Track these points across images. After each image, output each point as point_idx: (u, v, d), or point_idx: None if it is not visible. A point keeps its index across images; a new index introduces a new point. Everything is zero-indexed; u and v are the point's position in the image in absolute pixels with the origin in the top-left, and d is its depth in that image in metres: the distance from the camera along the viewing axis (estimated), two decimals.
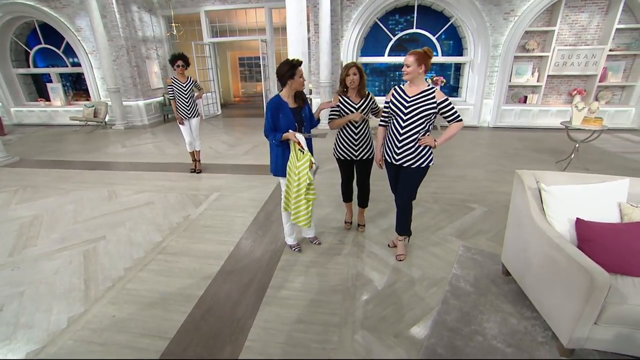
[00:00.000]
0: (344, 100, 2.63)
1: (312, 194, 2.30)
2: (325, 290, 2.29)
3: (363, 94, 2.61)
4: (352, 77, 2.53)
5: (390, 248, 2.78)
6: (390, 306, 2.14)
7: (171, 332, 1.94)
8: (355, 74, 2.52)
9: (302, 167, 2.25)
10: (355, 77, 2.52)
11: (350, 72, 2.52)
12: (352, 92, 2.61)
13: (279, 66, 2.28)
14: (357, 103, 2.60)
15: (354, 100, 2.61)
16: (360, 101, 2.60)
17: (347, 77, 2.53)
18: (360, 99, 2.61)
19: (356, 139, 2.67)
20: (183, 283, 2.37)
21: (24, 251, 2.86)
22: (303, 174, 2.25)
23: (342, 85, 2.61)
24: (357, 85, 2.56)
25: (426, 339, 1.87)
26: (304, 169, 2.24)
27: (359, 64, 2.58)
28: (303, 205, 2.33)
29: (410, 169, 2.38)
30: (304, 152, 2.23)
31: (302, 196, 2.31)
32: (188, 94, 4.34)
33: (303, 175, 2.25)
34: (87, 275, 2.50)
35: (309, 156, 2.22)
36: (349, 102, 2.61)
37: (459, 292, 2.24)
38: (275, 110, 2.29)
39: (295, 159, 2.31)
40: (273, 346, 1.84)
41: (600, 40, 6.48)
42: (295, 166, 2.30)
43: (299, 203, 2.34)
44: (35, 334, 1.96)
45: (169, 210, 3.57)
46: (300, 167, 2.26)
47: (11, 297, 2.27)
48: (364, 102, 2.61)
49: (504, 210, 3.40)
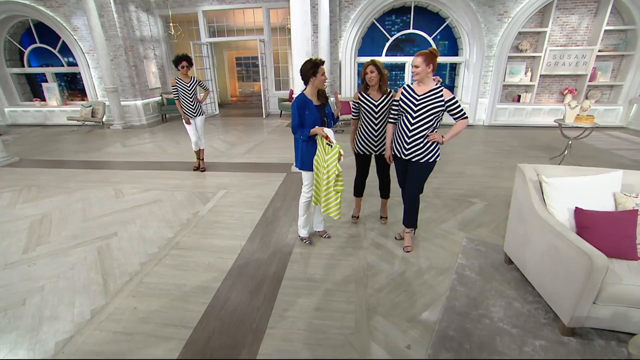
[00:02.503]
0: (364, 97, 2.73)
1: (340, 185, 2.41)
2: (338, 280, 2.39)
3: (384, 91, 2.69)
4: (370, 75, 2.62)
5: (397, 240, 2.90)
6: (401, 294, 2.25)
7: (193, 321, 2.02)
8: (373, 71, 2.61)
9: (331, 160, 2.35)
10: (374, 74, 2.62)
11: (368, 70, 2.62)
12: (372, 89, 2.71)
13: (303, 65, 2.39)
14: (377, 100, 2.70)
15: (374, 97, 2.70)
16: (380, 98, 2.69)
17: (366, 75, 2.63)
18: (381, 96, 2.70)
19: (376, 135, 2.77)
20: (199, 276, 2.45)
21: (37, 248, 2.89)
22: (332, 166, 2.36)
23: (363, 83, 2.71)
24: (376, 83, 2.65)
25: (437, 323, 1.99)
26: (333, 161, 2.35)
27: (378, 61, 2.66)
28: (333, 196, 2.44)
29: (419, 163, 2.50)
30: (332, 146, 2.33)
31: (331, 188, 2.41)
32: (192, 93, 4.42)
33: (332, 167, 2.36)
34: (104, 270, 2.56)
35: (338, 148, 2.32)
36: (368, 99, 2.71)
37: (466, 280, 2.37)
38: (301, 107, 2.40)
39: (323, 152, 2.41)
40: (294, 332, 1.93)
41: (590, 41, 6.73)
42: (323, 160, 2.40)
43: (329, 195, 2.45)
44: (61, 325, 2.02)
45: (178, 208, 3.63)
46: (328, 160, 2.37)
47: (32, 292, 2.32)
48: (384, 99, 2.69)
49: (503, 204, 3.57)
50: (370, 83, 2.67)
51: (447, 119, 2.49)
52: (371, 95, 2.73)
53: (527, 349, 1.78)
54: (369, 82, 2.67)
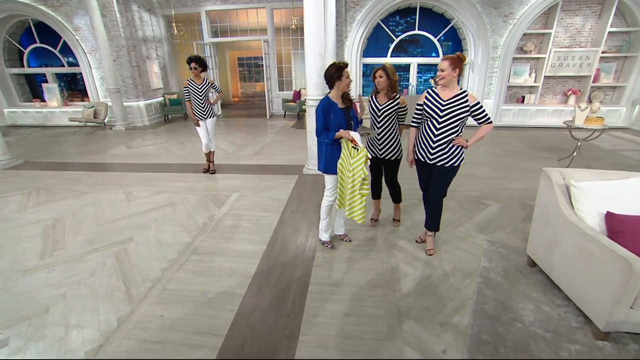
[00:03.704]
0: (372, 101, 2.77)
1: (365, 189, 2.40)
2: (365, 284, 2.39)
3: (390, 96, 2.69)
4: (378, 79, 2.64)
5: (418, 243, 2.90)
6: (430, 297, 2.25)
7: (223, 329, 2.00)
8: (382, 76, 2.63)
9: (357, 164, 2.34)
10: (382, 79, 2.63)
11: (377, 74, 2.64)
12: (381, 94, 2.72)
13: (327, 68, 2.39)
14: (382, 104, 2.70)
15: (381, 101, 2.72)
16: (385, 102, 2.70)
17: (375, 80, 2.65)
18: (386, 100, 2.70)
19: (378, 139, 2.79)
20: (223, 282, 2.42)
21: (54, 254, 2.84)
22: (358, 170, 2.34)
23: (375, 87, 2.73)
24: (385, 87, 2.66)
25: (470, 327, 1.99)
26: (359, 165, 2.33)
27: (389, 66, 2.67)
28: (358, 200, 2.42)
29: (444, 167, 2.50)
30: (358, 150, 2.32)
31: (356, 192, 2.40)
32: (203, 95, 4.37)
33: (358, 171, 2.34)
34: (125, 276, 2.52)
35: (365, 152, 2.31)
36: (373, 103, 2.74)
37: (491, 283, 2.38)
38: (326, 110, 2.38)
39: (348, 156, 2.40)
40: (327, 339, 1.92)
41: (594, 42, 6.80)
42: (348, 163, 2.39)
43: (353, 198, 2.44)
44: (89, 334, 1.98)
45: (192, 211, 3.59)
46: (354, 163, 2.35)
47: (55, 299, 2.28)
48: (388, 104, 2.69)
49: (518, 206, 3.59)
50: (378, 87, 2.68)
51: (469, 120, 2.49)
52: (378, 99, 2.74)
53: (563, 353, 1.79)
54: (377, 86, 2.69)
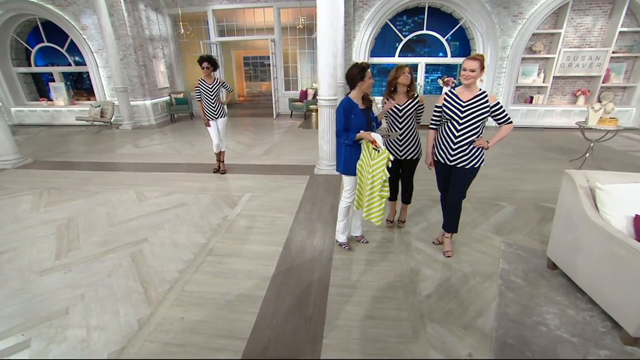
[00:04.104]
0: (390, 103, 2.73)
1: (386, 191, 2.38)
2: (385, 286, 2.37)
3: (411, 95, 2.69)
4: (407, 75, 2.60)
5: (435, 245, 2.88)
6: (451, 300, 2.23)
7: (245, 332, 1.98)
8: (410, 73, 2.62)
9: (378, 165, 2.32)
10: (408, 78, 2.61)
11: (405, 71, 2.61)
12: (400, 94, 2.69)
13: (349, 69, 2.36)
14: (402, 104, 2.68)
15: (400, 101, 2.70)
16: (405, 102, 2.68)
17: (403, 75, 2.60)
18: (406, 100, 2.69)
19: (400, 140, 2.76)
20: (242, 284, 2.41)
21: (69, 254, 2.84)
22: (378, 172, 2.32)
23: (389, 88, 2.69)
24: (407, 86, 2.64)
25: (494, 330, 1.97)
26: (380, 167, 2.31)
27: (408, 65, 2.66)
28: (376, 202, 2.40)
29: (464, 169, 2.48)
30: (379, 151, 2.30)
31: (375, 193, 2.38)
32: (214, 95, 4.34)
33: (378, 173, 2.32)
34: (141, 277, 2.51)
35: (387, 154, 2.29)
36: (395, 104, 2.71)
37: (512, 286, 2.35)
38: (347, 111, 2.36)
39: (368, 157, 2.38)
40: (352, 342, 1.90)
41: (604, 42, 6.75)
42: (368, 165, 2.37)
43: (372, 200, 2.42)
44: (110, 336, 1.97)
45: (205, 212, 3.58)
46: (374, 165, 2.33)
47: (73, 300, 2.27)
48: (410, 103, 2.68)
49: (532, 208, 3.57)
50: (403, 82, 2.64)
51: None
52: (397, 100, 2.71)
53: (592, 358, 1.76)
54: (402, 82, 2.63)
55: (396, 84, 2.65)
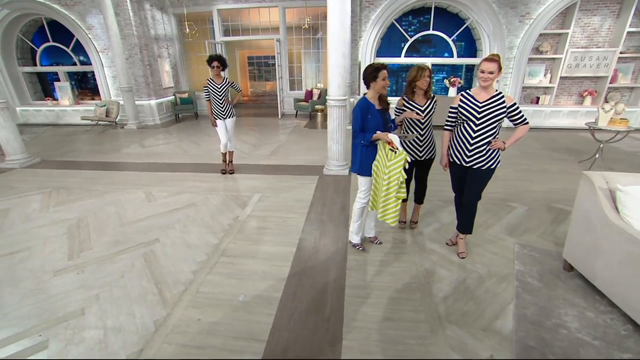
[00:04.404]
0: (409, 104, 2.72)
1: (402, 192, 2.37)
2: (401, 287, 2.35)
3: (429, 96, 2.70)
4: (427, 79, 2.61)
5: (449, 246, 2.86)
6: (468, 301, 2.22)
7: (263, 334, 1.97)
8: (429, 76, 2.62)
9: (394, 166, 2.31)
10: (429, 79, 2.62)
11: (425, 74, 2.60)
12: (418, 95, 2.69)
13: (365, 68, 2.37)
14: (423, 105, 2.69)
15: (420, 102, 2.70)
16: (425, 103, 2.69)
17: (422, 79, 2.60)
18: (426, 101, 2.70)
19: (421, 140, 2.75)
20: (257, 285, 2.40)
21: (82, 254, 2.83)
22: (395, 173, 2.31)
23: (409, 89, 2.69)
24: (426, 88, 2.64)
25: (514, 333, 1.95)
26: (397, 168, 2.30)
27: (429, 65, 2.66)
28: (392, 203, 2.39)
29: (480, 170, 2.47)
30: (396, 152, 2.29)
31: (391, 194, 2.37)
32: (223, 95, 4.31)
33: (395, 174, 2.31)
34: (155, 278, 2.50)
35: (405, 155, 2.28)
36: (414, 105, 2.70)
37: (529, 288, 2.34)
38: (364, 111, 2.35)
39: (384, 158, 2.36)
40: (372, 344, 1.89)
41: (612, 42, 6.72)
42: (384, 165, 2.36)
43: (387, 201, 2.41)
44: (128, 337, 1.96)
45: (215, 212, 3.57)
46: (391, 166, 2.32)
47: (88, 301, 2.26)
48: (429, 104, 2.69)
49: (544, 209, 3.55)
50: (423, 87, 2.66)
51: None
52: (417, 101, 2.71)
53: None
54: (421, 86, 2.65)
55: (415, 85, 2.65)
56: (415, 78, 2.62)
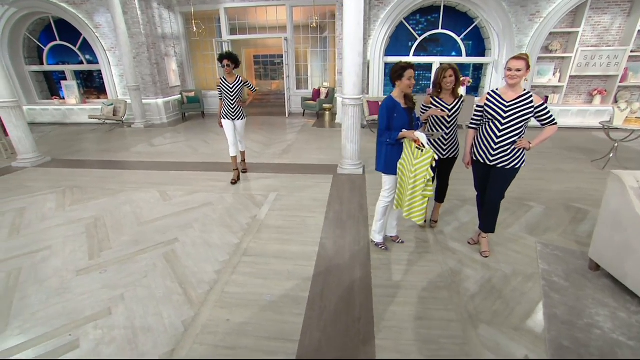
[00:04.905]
0: (437, 102, 2.73)
1: (429, 190, 2.35)
2: (428, 286, 2.34)
3: (456, 95, 2.70)
4: (448, 79, 2.62)
5: (471, 245, 2.85)
6: (497, 300, 2.21)
7: (295, 334, 1.96)
8: (452, 75, 2.62)
9: (421, 165, 2.29)
10: (452, 78, 2.63)
11: (447, 74, 2.61)
12: (445, 93, 2.69)
13: (393, 67, 2.34)
14: (450, 104, 2.69)
15: (447, 101, 2.70)
16: (453, 102, 2.69)
17: (444, 79, 2.61)
18: (453, 99, 2.70)
19: (446, 139, 2.75)
20: (283, 285, 2.38)
21: (102, 254, 2.82)
22: (422, 171, 2.30)
23: (436, 87, 2.69)
24: (452, 87, 2.65)
25: (547, 332, 1.94)
26: (423, 166, 2.29)
27: (454, 65, 2.65)
28: (418, 201, 2.38)
29: (505, 169, 2.46)
30: (422, 151, 2.27)
31: (417, 192, 2.36)
32: (235, 94, 4.08)
33: (422, 172, 2.30)
34: (179, 278, 2.48)
35: (432, 153, 2.27)
36: (441, 104, 2.70)
37: (556, 287, 2.33)
38: (390, 110, 2.34)
39: (411, 156, 2.35)
40: (405, 344, 1.88)
41: (622, 41, 6.70)
42: (410, 164, 2.35)
43: (413, 199, 2.40)
44: (157, 338, 1.95)
45: (232, 211, 3.55)
46: (417, 164, 2.31)
47: (114, 300, 2.25)
48: (457, 103, 2.69)
49: (562, 208, 3.54)
50: (446, 87, 2.68)
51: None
52: (444, 100, 2.71)
53: None
54: (445, 87, 2.67)
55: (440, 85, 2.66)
56: (438, 79, 2.66)
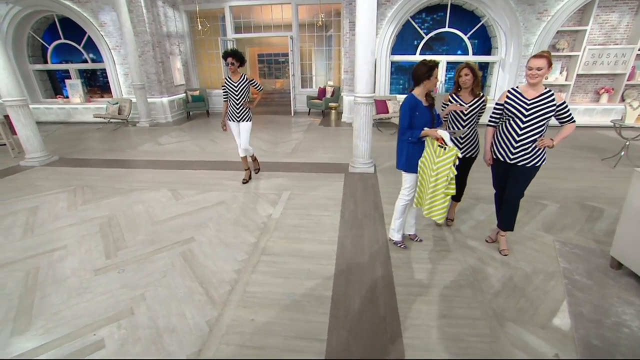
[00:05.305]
0: (455, 100, 2.72)
1: (452, 188, 2.34)
2: (450, 285, 2.33)
3: (477, 94, 2.68)
4: (464, 77, 2.61)
5: (489, 243, 2.85)
6: (520, 299, 2.20)
7: (322, 333, 1.94)
8: (467, 74, 2.61)
9: (444, 163, 2.28)
10: (468, 77, 2.62)
11: (462, 72, 2.62)
12: (464, 92, 2.68)
13: (418, 67, 2.32)
14: (468, 102, 2.67)
15: (466, 99, 2.70)
16: (471, 101, 2.67)
17: (460, 78, 2.61)
18: (472, 98, 2.68)
19: (462, 137, 2.74)
20: (304, 284, 2.37)
21: (118, 253, 2.80)
22: (444, 169, 2.29)
23: (455, 85, 2.69)
24: (470, 85, 2.64)
25: (575, 331, 1.93)
26: (446, 164, 2.27)
27: (472, 63, 2.63)
28: (440, 199, 2.37)
29: (525, 167, 2.45)
30: (445, 149, 2.26)
31: (439, 191, 2.35)
32: (240, 94, 3.81)
33: (444, 170, 2.29)
34: (198, 278, 2.46)
35: (456, 151, 2.26)
36: (459, 102, 2.69)
37: (579, 285, 2.32)
38: (413, 108, 2.33)
39: (432, 155, 2.34)
40: (433, 342, 1.87)
41: (630, 39, 6.69)
42: (432, 162, 2.34)
43: (434, 198, 2.39)
44: (183, 338, 1.93)
45: (247, 210, 3.54)
46: (439, 162, 2.30)
47: (135, 300, 2.23)
48: (475, 102, 2.67)
49: (577, 207, 3.53)
50: (463, 86, 2.68)
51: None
52: (462, 98, 2.71)
53: None
54: (462, 85, 2.68)
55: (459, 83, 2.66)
56: (455, 76, 2.69)
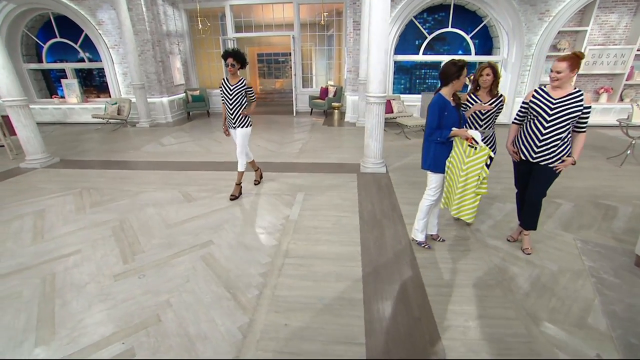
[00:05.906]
0: (473, 99, 2.72)
1: (484, 188, 2.33)
2: (479, 284, 2.32)
3: (494, 94, 2.69)
4: (485, 77, 2.63)
5: (511, 242, 2.85)
6: (551, 298, 2.20)
7: (359, 337, 1.91)
8: (489, 74, 2.63)
9: (474, 163, 2.27)
10: (489, 77, 2.64)
11: (484, 72, 2.63)
12: (483, 92, 2.70)
13: (447, 66, 2.30)
14: (486, 102, 2.71)
15: (483, 99, 2.73)
16: (488, 101, 2.70)
17: (481, 77, 2.62)
18: (489, 99, 2.69)
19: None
20: (334, 287, 2.32)
21: (136, 258, 2.71)
22: (475, 169, 2.27)
23: (474, 85, 2.69)
24: (489, 85, 2.65)
25: (612, 330, 1.94)
26: (478, 164, 2.26)
27: (494, 63, 2.65)
28: (469, 199, 2.36)
29: (548, 167, 2.44)
30: (476, 148, 2.25)
31: (468, 191, 2.33)
32: (234, 99, 3.51)
33: (475, 170, 2.27)
34: (223, 282, 2.40)
35: (488, 150, 2.25)
36: (477, 101, 2.70)
37: (607, 284, 2.33)
38: (442, 108, 2.31)
39: (462, 155, 2.32)
40: (473, 343, 1.85)
41: (628, 40, 6.83)
42: (462, 162, 2.32)
43: (463, 198, 2.37)
44: (217, 346, 1.87)
45: (263, 212, 3.48)
46: (469, 162, 2.28)
47: (161, 307, 2.16)
48: (494, 102, 2.69)
49: (591, 205, 3.56)
50: (483, 85, 2.70)
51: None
52: (480, 97, 2.72)
53: None
54: (482, 84, 2.70)
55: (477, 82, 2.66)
56: (476, 75, 2.71)
